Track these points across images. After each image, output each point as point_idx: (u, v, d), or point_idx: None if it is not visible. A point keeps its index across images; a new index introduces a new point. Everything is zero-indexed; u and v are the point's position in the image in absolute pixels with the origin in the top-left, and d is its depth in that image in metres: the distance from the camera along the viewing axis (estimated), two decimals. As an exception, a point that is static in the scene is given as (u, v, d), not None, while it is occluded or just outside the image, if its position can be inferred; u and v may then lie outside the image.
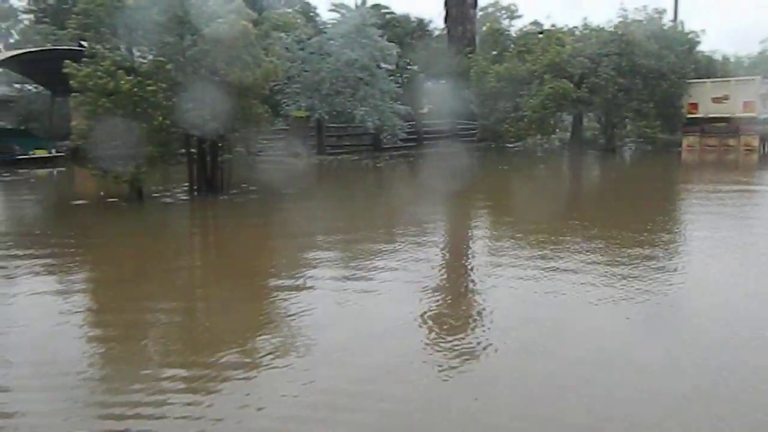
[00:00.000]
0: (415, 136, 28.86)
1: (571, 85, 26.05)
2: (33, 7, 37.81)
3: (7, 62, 26.76)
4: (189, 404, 5.03)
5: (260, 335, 6.58)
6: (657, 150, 27.61)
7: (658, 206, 14.72)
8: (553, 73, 26.13)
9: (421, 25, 33.55)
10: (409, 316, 6.90)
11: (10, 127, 28.47)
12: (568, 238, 10.84)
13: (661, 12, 28.44)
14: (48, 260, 10.00)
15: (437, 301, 7.73)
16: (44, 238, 12.05)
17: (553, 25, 30.84)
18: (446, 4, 33.20)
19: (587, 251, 9.75)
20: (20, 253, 10.49)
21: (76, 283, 9.11)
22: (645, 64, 26.12)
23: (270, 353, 5.97)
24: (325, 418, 4.78)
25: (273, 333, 6.70)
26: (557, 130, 30.47)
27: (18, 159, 23.30)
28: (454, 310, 7.33)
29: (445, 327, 6.75)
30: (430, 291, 8.06)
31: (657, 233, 11.28)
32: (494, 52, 30.11)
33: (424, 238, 11.37)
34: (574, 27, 30.01)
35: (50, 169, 22.78)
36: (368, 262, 9.46)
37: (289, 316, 7.22)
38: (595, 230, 11.66)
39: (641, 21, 27.75)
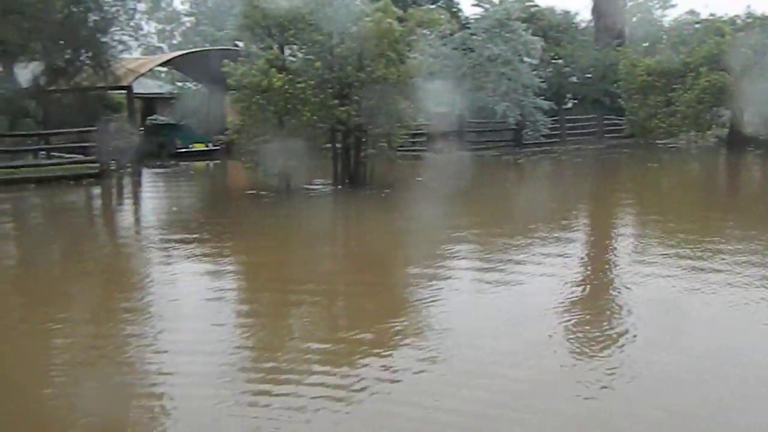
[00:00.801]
0: (559, 132, 28.14)
1: (731, 78, 24.36)
2: (194, 10, 40.46)
3: (171, 62, 28.88)
4: (325, 371, 5.45)
5: (397, 316, 6.86)
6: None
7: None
8: (710, 65, 24.55)
9: (567, 18, 32.61)
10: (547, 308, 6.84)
11: (173, 122, 30.67)
12: (716, 239, 10.24)
13: (840, -4, 25.93)
14: (205, 241, 10.96)
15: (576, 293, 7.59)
16: (201, 223, 13.11)
17: (711, 15, 28.95)
18: (594, -5, 32.04)
19: (743, 255, 9.17)
20: (183, 236, 11.47)
21: (229, 262, 9.87)
22: (819, 54, 23.93)
23: (403, 333, 6.18)
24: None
25: (409, 314, 6.98)
26: (713, 126, 28.58)
27: (179, 152, 25.11)
28: (593, 304, 7.17)
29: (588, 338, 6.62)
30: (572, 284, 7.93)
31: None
32: (645, 45, 28.66)
33: (567, 235, 11.15)
34: (736, 16, 28.00)
35: (207, 162, 24.37)
36: (505, 256, 9.45)
37: (423, 299, 7.47)
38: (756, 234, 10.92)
39: (815, 6, 25.46)
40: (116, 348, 6.26)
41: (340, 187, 15.97)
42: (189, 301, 7.70)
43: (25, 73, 21.86)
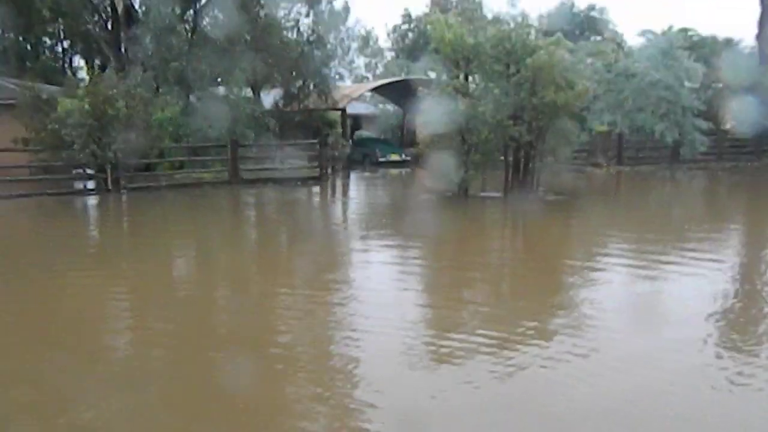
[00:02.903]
0: (716, 150, 26.14)
1: None
2: (394, 47, 42.61)
3: (375, 89, 30.75)
4: (490, 327, 5.90)
5: (555, 293, 7.23)
6: None
7: None
8: None
9: (730, 44, 30.09)
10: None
11: (374, 136, 32.57)
12: None
13: None
14: (395, 232, 11.97)
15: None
16: (393, 218, 14.22)
17: None
18: (760, 23, 29.26)
19: None
20: (378, 227, 12.57)
21: (415, 248, 10.65)
22: None
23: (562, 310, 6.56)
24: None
25: (566, 292, 7.28)
26: None
27: (379, 161, 26.73)
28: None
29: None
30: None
31: None
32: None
33: (719, 243, 10.73)
34: None
35: (400, 170, 25.69)
36: (657, 257, 9.37)
37: (579, 284, 7.72)
38: None
39: None
40: (327, 299, 7.30)
41: (509, 195, 16.26)
42: (383, 274, 8.63)
43: (268, 97, 24.56)
